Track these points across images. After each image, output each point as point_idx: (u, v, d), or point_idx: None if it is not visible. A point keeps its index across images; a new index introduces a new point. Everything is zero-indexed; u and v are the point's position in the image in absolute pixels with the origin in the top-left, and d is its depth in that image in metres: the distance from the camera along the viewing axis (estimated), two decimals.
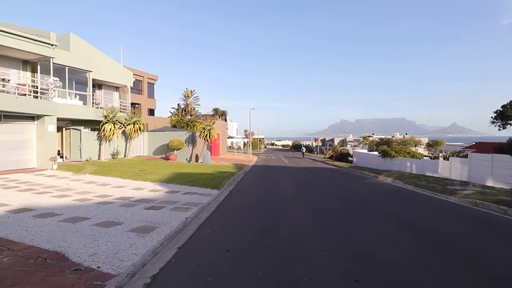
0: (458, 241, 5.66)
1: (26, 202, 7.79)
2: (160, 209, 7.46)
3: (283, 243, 5.24)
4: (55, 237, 5.04)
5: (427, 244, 5.41)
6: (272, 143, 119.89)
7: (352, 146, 50.82)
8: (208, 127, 23.01)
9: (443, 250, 5.06)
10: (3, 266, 3.79)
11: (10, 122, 13.61)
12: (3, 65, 14.53)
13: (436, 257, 4.71)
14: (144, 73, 33.39)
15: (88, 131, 19.23)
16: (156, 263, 4.30)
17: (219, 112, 44.73)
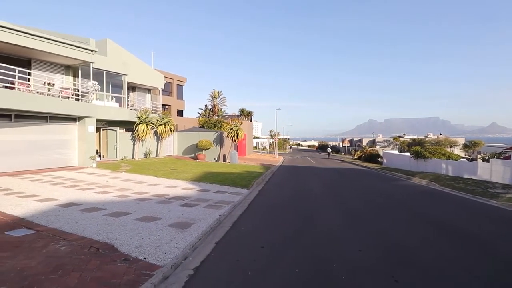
0: (502, 245, 5.38)
1: (72, 197, 8.40)
2: (194, 207, 7.74)
3: (316, 242, 5.28)
4: (103, 230, 5.42)
5: (470, 249, 5.21)
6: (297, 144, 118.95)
7: (381, 147, 49.20)
8: (235, 128, 23.34)
9: (485, 255, 4.85)
10: (62, 254, 4.17)
11: (55, 123, 14.66)
12: (49, 70, 15.68)
13: (479, 263, 4.53)
14: (173, 75, 34.51)
15: (123, 131, 20.23)
16: (196, 257, 4.52)
17: (245, 112, 45.14)
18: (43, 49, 13.57)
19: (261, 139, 71.84)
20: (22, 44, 12.72)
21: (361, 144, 53.24)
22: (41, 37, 13.35)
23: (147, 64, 23.78)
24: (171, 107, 32.89)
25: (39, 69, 15.08)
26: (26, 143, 13.33)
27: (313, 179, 15.49)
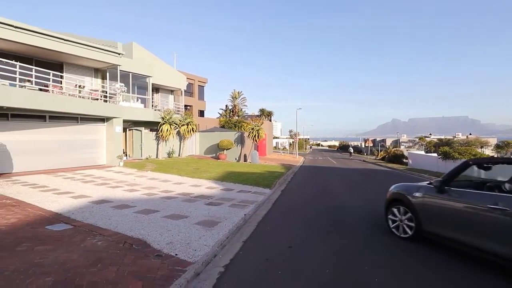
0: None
1: (103, 194, 8.76)
2: (219, 205, 7.85)
3: (346, 244, 5.20)
4: (135, 226, 5.62)
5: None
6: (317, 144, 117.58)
7: (406, 147, 47.62)
8: (256, 128, 23.43)
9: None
10: (100, 249, 4.37)
11: (85, 124, 15.34)
12: (79, 73, 16.44)
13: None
14: (195, 76, 35.14)
15: (147, 131, 20.84)
16: (225, 255, 4.59)
17: (265, 112, 45.18)
18: (75, 53, 14.24)
19: (280, 139, 71.62)
20: (55, 49, 13.41)
21: (384, 144, 51.77)
22: (73, 41, 14.02)
23: (170, 66, 24.37)
24: (192, 107, 33.51)
25: (70, 72, 15.84)
26: (59, 143, 14.03)
27: (335, 180, 15.27)
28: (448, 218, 4.44)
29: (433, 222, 4.68)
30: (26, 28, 12.20)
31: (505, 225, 3.62)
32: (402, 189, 5.53)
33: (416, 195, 5.04)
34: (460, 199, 4.32)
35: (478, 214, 4.00)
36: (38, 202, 7.44)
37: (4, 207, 6.74)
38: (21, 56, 13.48)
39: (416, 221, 4.95)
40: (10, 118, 12.10)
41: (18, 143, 12.30)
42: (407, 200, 5.19)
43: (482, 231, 3.93)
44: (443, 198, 4.56)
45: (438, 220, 4.61)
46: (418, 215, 4.92)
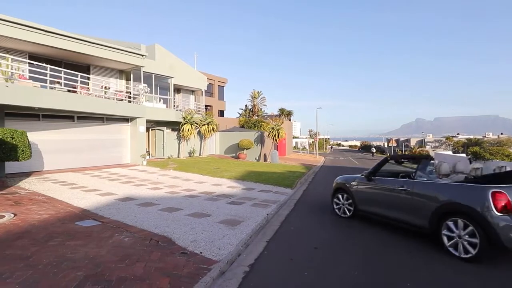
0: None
1: (128, 192, 8.98)
2: (241, 205, 7.83)
3: (372, 246, 5.01)
4: (160, 224, 5.70)
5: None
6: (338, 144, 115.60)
7: (431, 147, 45.75)
8: (276, 127, 23.32)
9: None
10: (127, 245, 4.45)
11: (110, 124, 15.84)
12: (105, 75, 16.99)
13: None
14: (215, 76, 35.49)
15: (169, 131, 21.24)
16: (250, 254, 4.54)
17: (284, 112, 44.91)
18: (101, 55, 14.72)
19: (300, 139, 71.00)
20: (83, 52, 13.92)
21: (408, 144, 50.00)
22: (99, 44, 14.50)
23: (191, 67, 24.73)
24: (212, 107, 33.85)
25: (96, 74, 16.40)
26: (86, 142, 14.56)
27: None
28: (373, 198, 6.03)
29: (364, 203, 6.23)
30: (56, 32, 12.74)
31: (407, 201, 5.18)
32: (343, 180, 6.97)
33: (353, 183, 6.55)
34: (381, 184, 5.89)
35: (392, 194, 5.53)
36: (67, 198, 7.73)
37: (36, 203, 7.05)
38: (51, 59, 14.09)
39: (354, 204, 6.46)
40: (41, 118, 12.69)
41: (48, 142, 12.87)
42: (347, 188, 6.68)
43: (394, 206, 5.44)
44: (370, 184, 6.11)
45: (367, 201, 6.16)
46: (354, 199, 6.45)
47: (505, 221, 3.90)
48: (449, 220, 4.45)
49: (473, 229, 4.12)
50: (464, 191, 4.44)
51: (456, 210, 4.39)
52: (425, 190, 4.97)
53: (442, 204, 4.58)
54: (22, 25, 11.53)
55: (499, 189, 4.07)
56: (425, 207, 4.82)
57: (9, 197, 7.50)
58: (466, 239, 4.20)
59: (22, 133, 10.05)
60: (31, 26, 11.82)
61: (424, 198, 4.91)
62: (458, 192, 4.49)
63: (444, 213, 4.54)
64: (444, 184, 4.85)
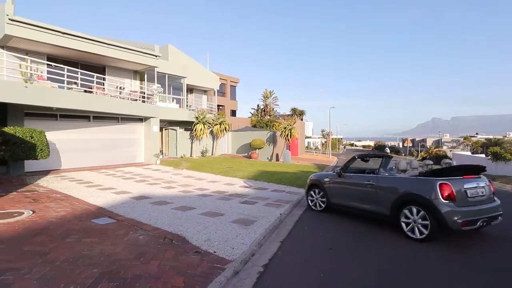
0: None
1: (142, 191, 9.08)
2: (254, 204, 7.78)
3: (387, 248, 4.87)
4: (174, 222, 5.72)
5: None
6: (351, 144, 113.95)
7: (448, 147, 44.42)
8: (289, 127, 23.15)
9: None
10: (142, 243, 4.48)
11: (125, 124, 16.10)
12: (120, 75, 17.28)
13: None
14: (227, 76, 35.61)
15: (182, 131, 21.42)
16: (263, 254, 4.49)
17: (297, 111, 44.60)
18: (117, 56, 14.96)
19: (313, 139, 70.42)
20: (99, 53, 14.19)
21: (425, 144, 48.74)
22: (115, 45, 14.75)
23: (203, 67, 24.86)
24: (225, 107, 33.97)
25: (112, 74, 16.69)
26: (102, 141, 14.84)
27: None
28: (344, 192, 6.69)
29: (336, 197, 6.86)
30: (73, 34, 13.03)
31: (371, 193, 5.90)
32: (317, 177, 7.56)
33: (326, 180, 7.15)
34: (350, 180, 6.58)
35: (359, 188, 6.20)
36: (84, 196, 7.88)
37: (54, 200, 7.21)
38: (68, 61, 14.43)
39: (326, 198, 7.06)
40: (59, 118, 13.01)
41: (65, 141, 13.18)
42: (320, 184, 7.25)
43: (362, 198, 6.12)
44: (341, 180, 6.76)
45: (338, 195, 6.81)
46: (327, 193, 7.06)
47: (450, 206, 4.76)
48: (405, 209, 5.21)
49: (425, 214, 4.92)
50: (417, 183, 5.24)
51: (412, 199, 5.16)
52: (387, 183, 5.76)
53: (401, 195, 5.34)
54: (41, 28, 11.83)
55: (445, 181, 4.91)
56: (387, 198, 5.56)
57: (28, 194, 7.71)
58: (419, 222, 5.00)
59: (41, 132, 10.33)
60: (50, 28, 12.12)
61: (386, 190, 5.67)
62: (413, 184, 5.29)
63: (402, 202, 5.28)
64: (402, 178, 5.68)
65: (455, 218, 4.68)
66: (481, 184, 5.19)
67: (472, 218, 4.76)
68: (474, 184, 5.09)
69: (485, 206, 5.05)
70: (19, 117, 11.40)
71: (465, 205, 4.87)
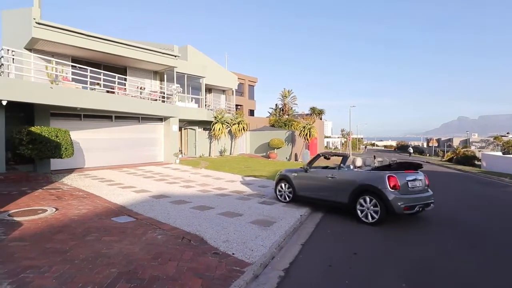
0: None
1: (162, 189, 9.12)
2: (272, 205, 7.60)
3: (417, 255, 4.55)
4: (192, 222, 5.64)
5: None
6: (372, 144, 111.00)
7: (477, 147, 42.20)
8: (308, 126, 22.77)
9: None
10: (160, 243, 4.41)
11: (145, 123, 16.37)
12: (140, 76, 17.59)
13: None
14: (245, 76, 35.56)
15: (201, 130, 21.57)
16: (284, 257, 4.30)
17: (316, 111, 43.85)
18: (137, 57, 15.23)
19: (332, 139, 69.16)
20: (121, 54, 14.48)
21: (451, 144, 46.57)
22: (136, 46, 15.01)
23: (222, 66, 24.93)
24: (243, 107, 33.94)
25: (133, 75, 17.02)
26: (123, 141, 15.15)
27: None
28: (308, 186, 7.44)
29: (302, 189, 7.56)
30: (96, 36, 13.37)
31: (332, 185, 6.76)
32: (286, 172, 8.17)
33: (294, 175, 7.81)
34: (314, 174, 7.39)
35: (322, 181, 7.04)
36: (105, 195, 7.99)
37: (77, 198, 7.35)
38: (92, 62, 14.83)
39: (293, 190, 7.72)
40: (82, 118, 13.38)
41: (89, 140, 13.54)
42: (288, 178, 7.90)
43: (325, 190, 6.96)
44: (307, 175, 7.52)
45: (304, 188, 7.53)
46: (294, 187, 7.71)
47: (395, 194, 5.75)
48: (361, 198, 6.15)
49: (376, 202, 5.88)
50: (371, 176, 6.23)
51: (366, 189, 6.09)
52: (347, 176, 6.64)
53: (357, 186, 6.25)
54: (66, 30, 12.21)
55: (392, 174, 5.95)
56: (346, 189, 6.42)
57: (52, 192, 7.91)
58: (372, 209, 5.96)
59: (65, 131, 10.63)
60: (74, 31, 12.48)
61: (346, 182, 6.55)
62: (367, 177, 6.27)
63: (358, 192, 6.19)
64: (359, 171, 6.64)
65: (399, 204, 5.68)
66: (419, 177, 6.34)
67: (411, 204, 5.82)
68: (413, 177, 6.21)
69: (421, 195, 6.16)
70: (45, 117, 11.80)
71: (407, 193, 5.93)
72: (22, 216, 5.43)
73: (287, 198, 7.93)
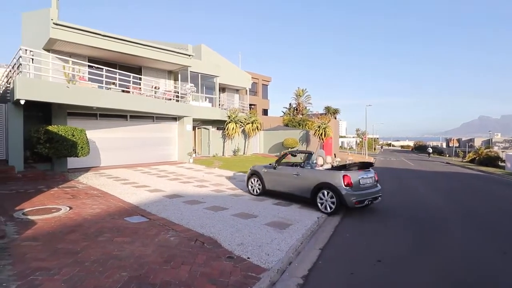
0: None
1: (175, 189, 9.03)
2: (288, 206, 7.36)
3: (448, 262, 4.20)
4: (206, 223, 5.47)
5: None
6: (388, 144, 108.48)
7: (500, 148, 40.36)
8: (323, 125, 22.34)
9: None
10: (172, 245, 4.25)
11: (159, 123, 16.42)
12: (155, 76, 17.68)
13: None
14: (258, 75, 35.34)
15: (214, 130, 21.50)
16: (302, 263, 4.06)
17: (331, 110, 43.17)
18: (152, 56, 15.27)
19: (347, 138, 67.97)
20: (137, 54, 14.55)
21: (473, 144, 44.78)
22: (151, 46, 15.06)
23: (235, 66, 24.79)
24: (256, 106, 33.74)
25: (147, 75, 17.11)
26: (138, 140, 15.23)
27: (422, 185, 13.40)
28: (276, 181, 8.15)
29: (270, 184, 8.28)
30: (112, 36, 13.48)
31: (297, 181, 7.50)
32: (256, 168, 8.83)
33: (264, 170, 8.52)
34: (282, 171, 8.11)
35: (288, 178, 7.76)
36: (119, 194, 7.96)
37: (91, 197, 7.34)
38: (108, 62, 14.98)
39: (262, 185, 8.44)
40: (98, 117, 13.52)
41: (105, 140, 13.68)
42: (258, 174, 8.61)
43: (290, 185, 7.70)
44: (275, 171, 8.25)
45: (272, 183, 8.24)
46: (263, 181, 8.43)
47: (348, 191, 6.56)
48: (320, 192, 6.99)
49: (332, 195, 6.72)
50: (329, 174, 7.04)
51: (325, 186, 6.91)
52: (309, 174, 7.41)
53: (318, 182, 7.04)
54: (82, 31, 12.33)
55: (346, 173, 6.76)
56: (309, 186, 7.20)
57: (68, 190, 7.94)
58: (329, 201, 6.79)
59: (82, 131, 10.72)
60: (91, 31, 12.60)
61: (308, 180, 7.30)
62: (326, 175, 7.06)
63: (318, 188, 7.02)
64: (319, 170, 7.45)
65: (351, 199, 6.50)
66: (369, 175, 7.16)
67: (362, 199, 6.68)
68: (364, 175, 7.00)
69: (370, 190, 7.01)
70: (62, 116, 11.97)
71: (358, 190, 6.74)
72: (36, 214, 5.42)
73: (257, 191, 8.64)
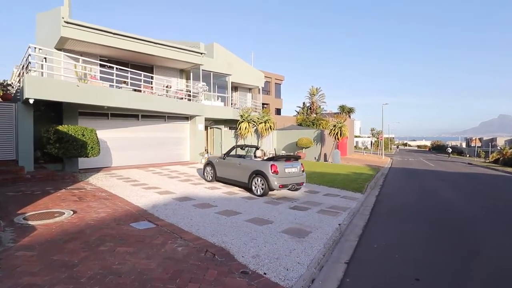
0: None
1: (186, 191, 8.63)
2: (305, 210, 6.83)
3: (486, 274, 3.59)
4: (217, 231, 5.01)
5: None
6: (404, 143, 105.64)
7: None
8: (339, 125, 21.56)
9: None
10: (180, 257, 3.80)
11: (171, 122, 16.14)
12: (167, 74, 17.43)
13: None
14: (271, 74, 34.79)
15: (227, 129, 21.12)
16: (327, 281, 3.54)
17: (345, 109, 42.06)
18: (164, 55, 14.99)
19: (362, 138, 66.46)
20: (148, 52, 14.30)
21: (496, 144, 42.76)
22: (163, 44, 14.78)
23: (248, 64, 24.32)
24: (269, 105, 33.21)
25: (159, 74, 16.87)
26: (149, 140, 14.98)
27: (445, 188, 12.56)
28: (225, 170, 9.68)
29: (220, 172, 9.84)
30: (124, 34, 13.25)
31: (239, 170, 9.07)
32: (211, 159, 10.38)
33: (216, 161, 10.09)
34: (229, 161, 9.61)
35: (233, 167, 9.33)
36: (127, 196, 7.61)
37: (98, 199, 7.01)
38: (119, 61, 14.80)
39: (215, 173, 10.01)
40: (109, 117, 13.32)
41: (116, 139, 13.47)
42: (212, 163, 10.17)
43: (234, 173, 9.26)
44: (224, 161, 9.75)
45: (221, 171, 9.81)
46: (215, 170, 10.00)
47: (274, 177, 7.96)
48: (254, 179, 8.34)
49: (263, 181, 8.10)
50: (261, 164, 8.38)
51: (258, 173, 8.25)
52: (247, 163, 8.84)
53: (253, 170, 8.41)
54: (94, 29, 12.13)
55: (273, 163, 8.16)
56: (246, 173, 8.60)
57: (75, 192, 7.66)
58: (260, 186, 8.17)
59: (92, 130, 10.49)
60: (102, 29, 12.39)
61: (246, 168, 8.70)
62: (259, 165, 8.40)
63: (253, 175, 8.36)
64: (255, 160, 8.88)
65: (276, 183, 7.88)
66: (295, 165, 8.56)
67: (285, 183, 8.05)
68: (290, 165, 8.40)
69: (294, 178, 8.38)
70: (73, 116, 11.80)
71: (283, 176, 8.08)
72: (37, 219, 5.08)
73: (210, 178, 10.18)
